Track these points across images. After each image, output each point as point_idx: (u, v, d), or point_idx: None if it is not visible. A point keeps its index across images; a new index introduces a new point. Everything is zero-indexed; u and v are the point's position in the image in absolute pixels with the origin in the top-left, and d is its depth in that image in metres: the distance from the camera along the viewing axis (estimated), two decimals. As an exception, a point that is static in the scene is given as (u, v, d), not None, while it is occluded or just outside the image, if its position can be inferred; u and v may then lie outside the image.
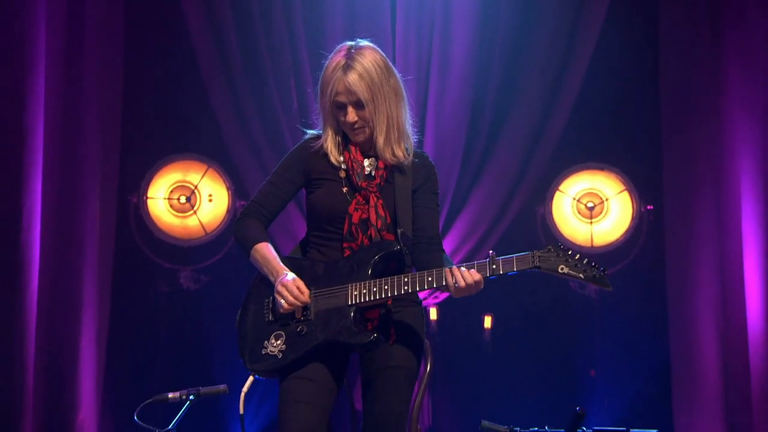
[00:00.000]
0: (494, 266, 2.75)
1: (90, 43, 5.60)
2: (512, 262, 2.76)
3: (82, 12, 5.49)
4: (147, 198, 5.75)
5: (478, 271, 2.76)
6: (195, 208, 5.77)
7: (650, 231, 5.93)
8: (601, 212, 5.88)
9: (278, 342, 2.94)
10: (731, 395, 5.72)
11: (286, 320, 2.91)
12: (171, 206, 5.80)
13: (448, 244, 5.78)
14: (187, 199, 5.77)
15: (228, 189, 5.80)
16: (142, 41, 5.94)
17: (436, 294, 5.37)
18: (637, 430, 2.92)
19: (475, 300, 3.71)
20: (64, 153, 5.45)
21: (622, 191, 5.86)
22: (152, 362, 5.84)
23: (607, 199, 5.87)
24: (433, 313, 5.40)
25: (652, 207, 5.93)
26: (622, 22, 5.98)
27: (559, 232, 5.91)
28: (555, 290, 5.99)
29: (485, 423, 3.68)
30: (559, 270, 2.76)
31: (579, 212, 5.89)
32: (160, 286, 5.87)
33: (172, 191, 5.80)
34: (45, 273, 5.24)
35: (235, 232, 3.15)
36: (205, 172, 5.77)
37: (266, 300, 2.99)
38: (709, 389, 5.71)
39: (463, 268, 2.77)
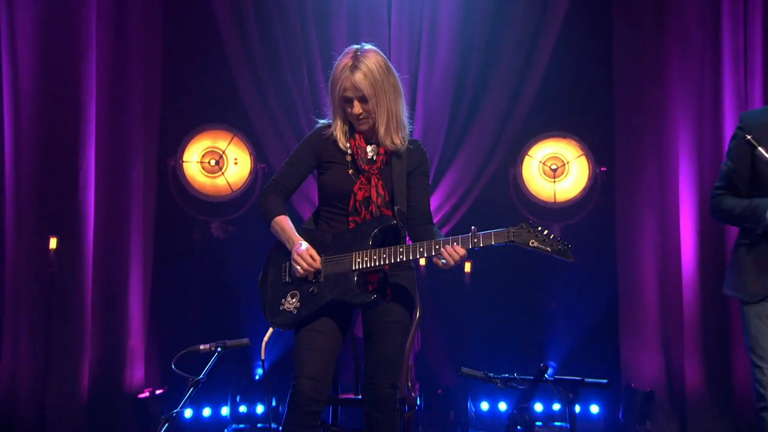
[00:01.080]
0: (475, 240, 2.91)
1: (133, 32, 5.86)
2: (490, 237, 2.91)
3: (127, 4, 5.75)
4: (183, 161, 6.00)
5: (462, 244, 2.92)
6: (223, 170, 6.04)
7: (603, 189, 6.22)
8: (563, 173, 6.16)
9: (294, 300, 3.11)
10: (668, 329, 5.96)
11: (300, 282, 3.09)
12: (203, 168, 6.07)
13: (435, 200, 5.90)
14: (216, 162, 6.02)
15: (250, 154, 6.07)
16: (177, 30, 6.17)
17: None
18: (591, 379, 2.88)
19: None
20: (112, 125, 5.74)
21: (580, 155, 6.15)
22: (188, 298, 6.21)
23: (568, 162, 6.14)
24: (422, 260, 5.64)
25: (605, 168, 6.21)
26: (581, 15, 6.16)
27: (528, 189, 6.16)
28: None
29: (464, 369, 3.78)
30: (530, 244, 2.89)
31: (544, 173, 6.17)
32: (194, 236, 6.20)
33: (203, 155, 6.06)
34: (98, 225, 5.60)
35: (259, 206, 3.27)
36: (231, 140, 6.03)
37: (284, 264, 3.15)
38: (649, 323, 5.97)
39: (450, 244, 2.94)
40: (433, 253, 2.94)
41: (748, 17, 5.69)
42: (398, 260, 2.98)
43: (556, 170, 6.13)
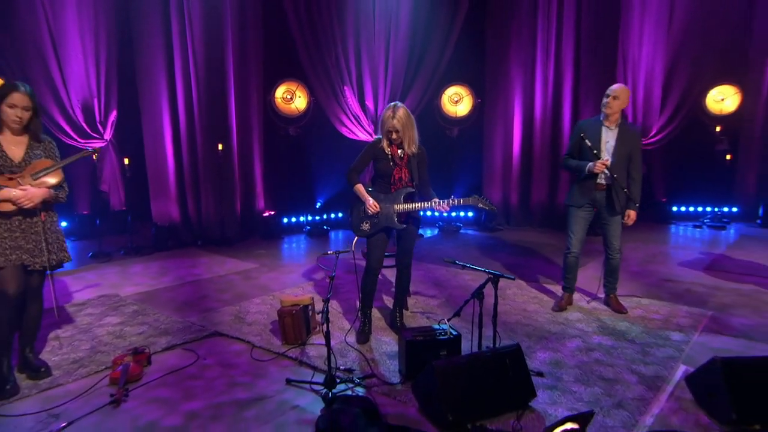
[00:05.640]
0: (453, 203, 3.69)
1: (250, 23, 7.81)
2: (460, 202, 3.69)
3: (246, 5, 7.62)
4: (274, 97, 8.42)
5: (446, 204, 3.68)
6: (294, 101, 8.53)
7: (479, 110, 8.93)
8: (460, 102, 8.80)
9: (367, 225, 3.93)
10: (505, 179, 8.51)
11: (369, 216, 3.90)
12: (283, 100, 8.48)
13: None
14: (290, 97, 8.49)
15: (307, 94, 8.54)
16: (269, 23, 8.08)
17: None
18: (505, 275, 3.02)
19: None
20: (241, 76, 7.82)
21: (468, 94, 8.81)
22: (281, 166, 8.67)
23: (462, 97, 8.81)
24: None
25: (480, 100, 8.88)
26: (473, 18, 8.43)
27: (444, 110, 8.72)
28: (439, 136, 8.52)
29: (446, 259, 3.77)
30: (479, 205, 3.69)
31: (451, 102, 8.83)
32: (280, 133, 8.66)
33: (283, 93, 8.49)
34: (238, 134, 7.97)
35: (347, 176, 3.99)
36: (297, 86, 8.54)
37: (361, 207, 3.95)
38: (496, 177, 8.79)
39: (440, 202, 3.67)
40: (433, 206, 3.70)
41: (551, 24, 8.35)
42: (414, 209, 3.80)
43: (457, 101, 8.86)
